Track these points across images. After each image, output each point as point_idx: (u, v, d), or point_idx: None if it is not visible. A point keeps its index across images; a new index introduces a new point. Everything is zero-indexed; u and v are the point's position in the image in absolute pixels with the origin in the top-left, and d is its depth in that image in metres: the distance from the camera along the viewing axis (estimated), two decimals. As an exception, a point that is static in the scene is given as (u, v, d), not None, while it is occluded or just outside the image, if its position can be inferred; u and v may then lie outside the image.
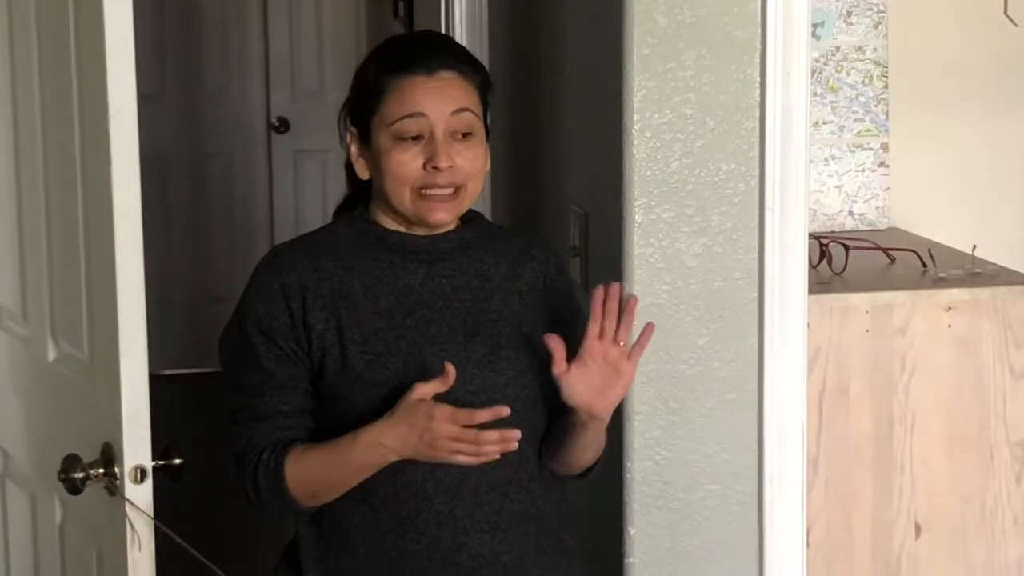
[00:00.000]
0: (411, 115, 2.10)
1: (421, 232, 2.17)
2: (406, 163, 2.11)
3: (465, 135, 2.12)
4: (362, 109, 2.16)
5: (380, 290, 2.14)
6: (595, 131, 2.60)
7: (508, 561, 2.15)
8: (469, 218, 2.22)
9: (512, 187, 3.35)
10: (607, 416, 2.14)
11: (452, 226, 2.19)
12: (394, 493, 2.11)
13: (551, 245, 2.33)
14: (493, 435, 2.02)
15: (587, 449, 2.19)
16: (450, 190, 2.11)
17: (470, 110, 2.12)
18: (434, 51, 2.15)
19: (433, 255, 2.16)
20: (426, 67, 2.12)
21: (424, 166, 2.10)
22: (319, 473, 2.10)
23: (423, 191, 2.11)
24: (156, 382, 2.37)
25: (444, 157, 2.09)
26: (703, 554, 2.52)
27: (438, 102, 2.10)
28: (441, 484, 2.11)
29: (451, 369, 2.04)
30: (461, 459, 2.04)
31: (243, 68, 6.52)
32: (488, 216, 2.96)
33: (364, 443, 2.07)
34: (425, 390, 2.03)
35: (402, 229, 2.17)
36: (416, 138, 2.11)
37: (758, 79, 2.45)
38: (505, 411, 2.03)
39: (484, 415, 2.02)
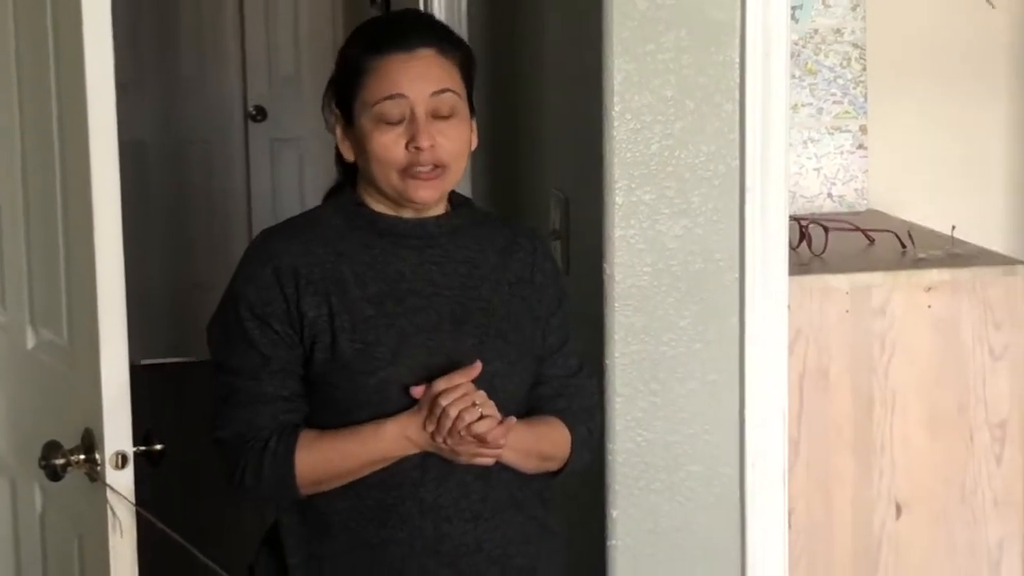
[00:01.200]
0: (391, 97, 2.09)
1: (409, 214, 2.16)
2: (389, 144, 2.10)
3: (446, 115, 2.11)
4: (344, 91, 2.15)
5: (370, 277, 2.13)
6: (575, 114, 2.60)
7: (491, 550, 2.15)
8: (459, 203, 2.22)
9: (492, 170, 3.35)
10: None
11: (441, 209, 2.18)
12: (380, 481, 2.11)
13: (537, 233, 2.33)
14: (502, 432, 2.05)
15: (517, 464, 2.19)
16: (432, 168, 2.11)
17: (450, 90, 2.11)
18: (412, 29, 2.14)
19: (423, 239, 2.15)
20: (404, 45, 2.11)
21: (407, 146, 2.09)
22: (334, 462, 2.09)
23: (408, 170, 2.10)
24: (135, 371, 2.37)
25: (425, 137, 2.09)
26: (685, 535, 2.53)
27: (418, 82, 2.10)
28: (430, 472, 2.11)
29: (479, 364, 2.06)
30: (480, 461, 2.07)
31: (219, 56, 6.50)
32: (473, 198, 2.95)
33: (391, 435, 2.07)
34: (445, 385, 2.05)
35: (390, 212, 2.16)
36: (398, 119, 2.10)
37: (737, 61, 2.45)
38: (513, 421, 2.06)
39: (500, 432, 2.04)
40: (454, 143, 2.12)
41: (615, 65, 2.42)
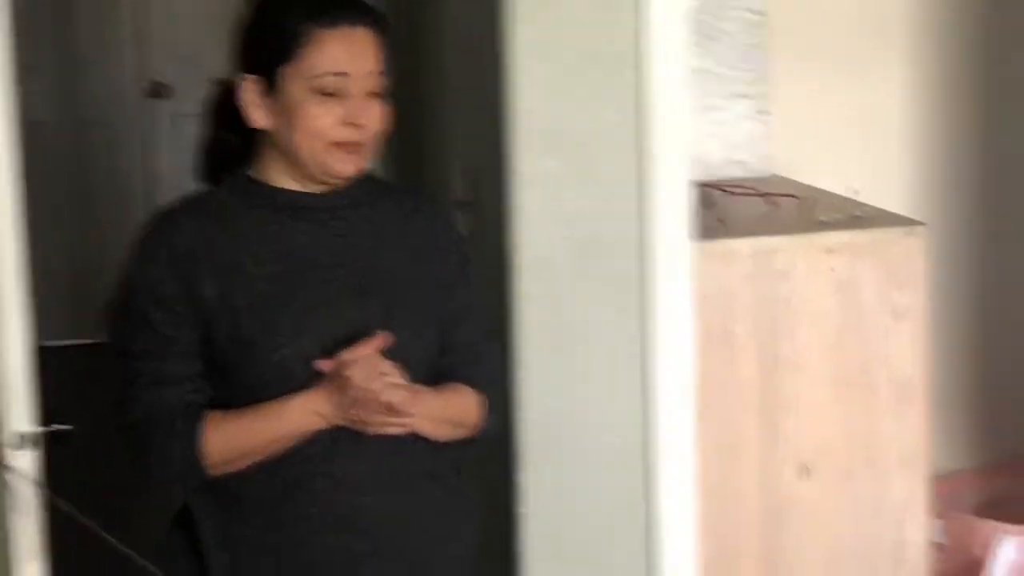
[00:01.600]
0: (335, 73, 2.08)
1: (312, 188, 2.15)
2: (321, 117, 2.08)
3: (377, 93, 2.11)
4: (271, 55, 2.12)
5: (268, 254, 2.11)
6: (478, 83, 2.60)
7: (406, 520, 2.15)
8: (360, 175, 2.21)
9: (397, 141, 3.33)
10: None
11: (342, 182, 2.17)
12: (289, 457, 2.09)
13: (439, 200, 2.32)
14: (411, 399, 2.04)
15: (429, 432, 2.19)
16: (358, 145, 2.10)
17: (382, 72, 2.12)
18: (352, 3, 2.12)
19: (325, 212, 2.14)
20: (348, 19, 2.09)
21: (342, 121, 2.08)
22: (242, 441, 2.07)
23: (334, 144, 2.09)
24: (37, 353, 2.33)
25: (364, 115, 2.08)
26: (594, 502, 2.54)
27: (360, 60, 2.08)
28: (340, 446, 2.09)
29: (385, 336, 2.05)
30: (391, 430, 2.06)
31: (118, 33, 6.41)
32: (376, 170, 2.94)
33: (298, 410, 2.06)
34: (351, 357, 2.03)
35: (293, 186, 2.14)
36: (333, 92, 2.09)
37: (638, 28, 2.45)
38: (421, 388, 2.06)
39: (408, 399, 2.03)
40: (379, 121, 2.12)
41: (517, 34, 2.42)
